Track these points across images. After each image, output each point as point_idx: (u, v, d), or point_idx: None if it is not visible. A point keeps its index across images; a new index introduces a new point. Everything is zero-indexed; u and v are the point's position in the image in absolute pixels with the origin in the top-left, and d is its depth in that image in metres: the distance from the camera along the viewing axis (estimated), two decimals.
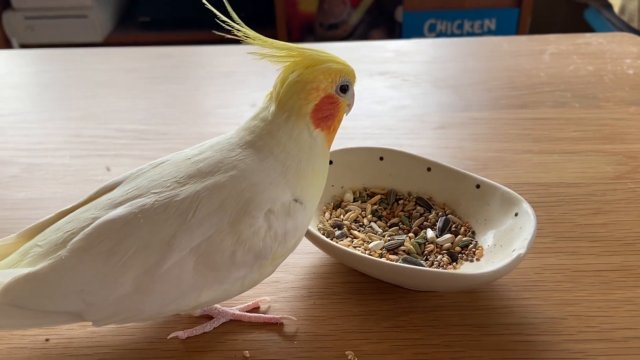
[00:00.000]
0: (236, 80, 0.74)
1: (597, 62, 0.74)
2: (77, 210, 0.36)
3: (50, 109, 0.69)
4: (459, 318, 0.40)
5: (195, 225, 0.33)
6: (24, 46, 1.76)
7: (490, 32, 1.70)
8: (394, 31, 1.68)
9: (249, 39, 0.36)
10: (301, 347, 0.38)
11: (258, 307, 0.41)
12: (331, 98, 0.37)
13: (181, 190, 0.34)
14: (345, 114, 0.39)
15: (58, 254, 0.33)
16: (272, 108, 0.37)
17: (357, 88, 0.70)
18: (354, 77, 0.38)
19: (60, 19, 1.71)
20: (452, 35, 1.68)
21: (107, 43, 1.74)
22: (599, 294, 0.41)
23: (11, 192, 0.54)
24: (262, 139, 0.36)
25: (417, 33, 1.67)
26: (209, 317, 0.40)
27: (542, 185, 0.52)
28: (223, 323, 0.40)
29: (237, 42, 0.38)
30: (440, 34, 1.68)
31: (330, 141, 0.38)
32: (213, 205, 0.34)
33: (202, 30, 1.75)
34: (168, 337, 0.38)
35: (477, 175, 0.45)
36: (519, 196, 0.42)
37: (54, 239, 0.34)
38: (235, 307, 0.40)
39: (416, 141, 0.60)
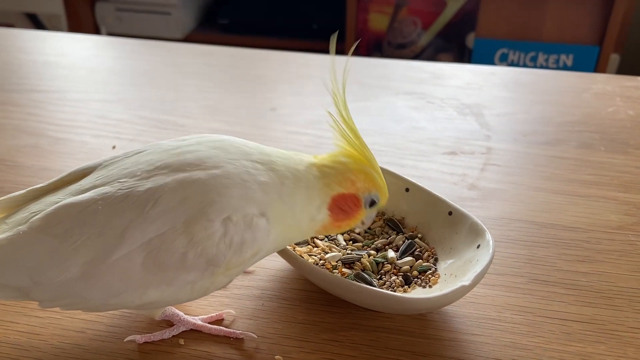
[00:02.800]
0: (264, 84, 0.76)
1: (639, 108, 0.69)
2: (47, 195, 0.36)
3: (88, 90, 0.74)
4: (400, 343, 0.39)
5: (150, 219, 0.33)
6: (111, 35, 1.89)
7: (565, 68, 1.63)
8: (462, 57, 1.65)
9: (337, 104, 0.37)
10: (234, 344, 0.39)
11: (222, 319, 0.40)
12: (357, 201, 0.38)
13: (147, 181, 0.34)
14: (357, 227, 0.41)
15: (17, 228, 0.34)
16: (313, 160, 0.38)
17: (379, 105, 0.70)
18: (385, 199, 0.39)
19: (147, 13, 1.82)
20: (524, 67, 1.63)
21: (186, 41, 1.83)
22: (556, 343, 0.39)
23: (27, 160, 0.58)
24: (286, 167, 0.36)
25: (487, 61, 1.64)
26: (169, 324, 0.40)
27: (535, 224, 0.50)
28: (183, 331, 0.39)
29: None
30: (511, 65, 1.63)
31: (328, 230, 0.38)
32: (174, 201, 0.33)
33: (278, 37, 1.80)
34: (125, 340, 0.38)
35: (451, 202, 0.44)
36: (485, 228, 0.40)
37: (19, 218, 0.35)
38: (197, 317, 0.40)
39: (421, 163, 0.59)
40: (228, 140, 0.37)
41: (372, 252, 0.43)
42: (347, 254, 0.43)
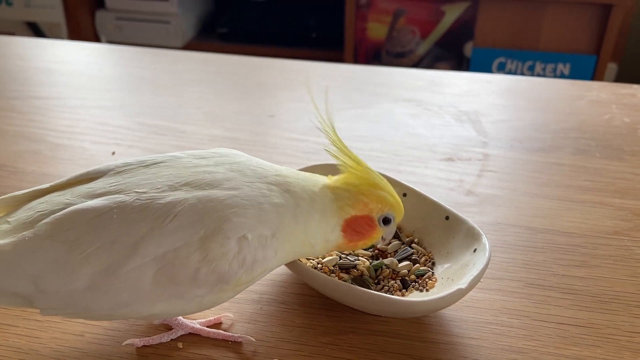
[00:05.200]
0: (264, 91, 0.76)
1: (635, 115, 0.70)
2: (53, 193, 0.35)
3: (88, 97, 0.74)
4: (398, 346, 0.39)
5: (166, 233, 0.32)
6: (111, 44, 1.90)
7: (563, 77, 1.64)
8: (460, 66, 1.66)
9: (331, 139, 0.38)
10: (233, 348, 0.39)
11: (220, 323, 0.41)
12: (371, 221, 0.39)
13: (168, 195, 0.33)
14: (377, 244, 0.42)
15: (23, 233, 0.33)
16: (327, 182, 0.39)
17: (377, 112, 0.71)
18: (401, 215, 0.40)
19: (147, 22, 1.83)
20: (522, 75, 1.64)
21: (186, 50, 1.84)
22: (553, 346, 0.39)
23: (28, 165, 0.58)
24: (302, 189, 0.37)
25: (484, 70, 1.65)
26: (168, 327, 0.40)
27: (530, 229, 0.50)
28: (181, 335, 0.39)
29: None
30: (508, 74, 1.64)
31: (343, 249, 0.40)
32: (193, 217, 0.33)
33: (278, 46, 1.81)
34: (123, 344, 0.38)
35: (447, 207, 0.44)
36: (481, 232, 0.41)
37: (23, 217, 0.34)
38: (196, 321, 0.40)
39: (418, 169, 0.59)
40: (245, 162, 0.38)
41: (370, 256, 0.44)
42: (344, 258, 0.43)
